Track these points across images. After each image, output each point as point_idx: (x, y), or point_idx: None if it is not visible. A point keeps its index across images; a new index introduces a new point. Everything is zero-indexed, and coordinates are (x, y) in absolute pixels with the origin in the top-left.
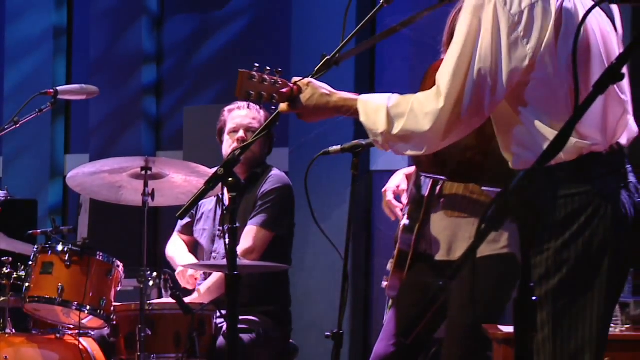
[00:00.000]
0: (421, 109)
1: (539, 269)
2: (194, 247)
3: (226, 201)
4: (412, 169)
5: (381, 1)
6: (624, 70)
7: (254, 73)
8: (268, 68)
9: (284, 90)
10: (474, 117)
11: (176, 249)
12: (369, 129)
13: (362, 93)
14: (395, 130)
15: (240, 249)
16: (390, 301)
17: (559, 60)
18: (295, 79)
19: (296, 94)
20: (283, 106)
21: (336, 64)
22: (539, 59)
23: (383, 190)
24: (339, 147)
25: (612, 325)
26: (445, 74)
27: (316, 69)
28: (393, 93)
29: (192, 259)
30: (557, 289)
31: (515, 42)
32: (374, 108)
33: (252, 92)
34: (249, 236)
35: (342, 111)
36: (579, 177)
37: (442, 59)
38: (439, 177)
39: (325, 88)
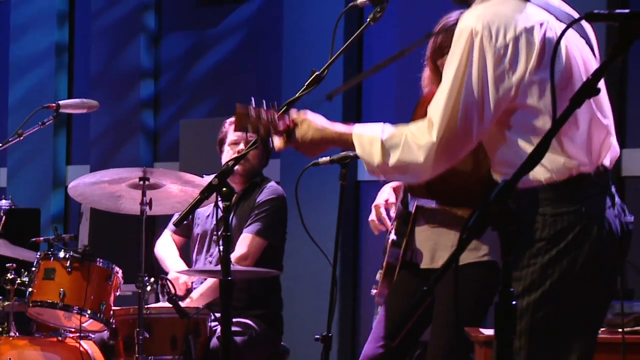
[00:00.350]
0: (415, 141)
1: (523, 281)
2: (185, 248)
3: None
4: (398, 182)
5: (368, 19)
6: (604, 91)
7: (251, 109)
8: (264, 102)
9: (281, 126)
10: (464, 147)
11: (167, 252)
12: (365, 161)
13: (350, 113)
14: (391, 162)
15: (234, 255)
16: (379, 308)
17: (543, 88)
18: (292, 113)
19: (292, 129)
20: (279, 142)
21: (329, 99)
22: (524, 87)
23: (374, 205)
24: (327, 158)
25: None
26: (437, 107)
27: (306, 84)
28: (382, 115)
29: (183, 265)
30: (538, 301)
31: (501, 74)
32: (369, 140)
33: (249, 127)
34: (243, 243)
35: (337, 144)
36: (569, 197)
37: (433, 91)
38: (431, 202)
39: (320, 122)
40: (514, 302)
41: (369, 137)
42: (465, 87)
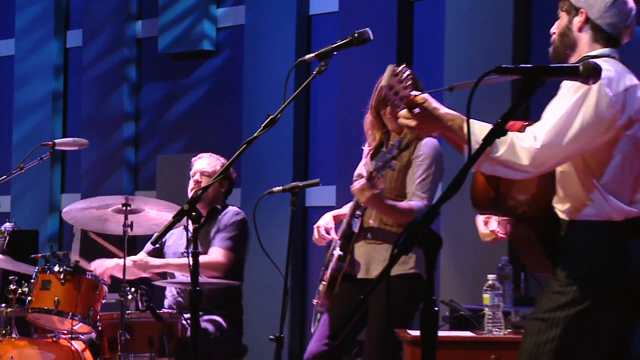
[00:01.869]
0: (519, 143)
1: (566, 296)
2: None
3: (190, 229)
4: (338, 211)
5: (314, 72)
6: None
7: (398, 69)
8: (407, 69)
9: (410, 97)
10: (557, 161)
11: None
12: (475, 141)
13: (299, 142)
14: (495, 154)
15: (209, 259)
16: (318, 315)
17: (636, 144)
18: (413, 93)
19: (416, 103)
20: (406, 112)
21: (451, 90)
22: (622, 137)
23: (315, 226)
24: (280, 187)
25: (497, 329)
26: (545, 127)
27: (262, 125)
28: (326, 131)
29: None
30: (574, 316)
31: (612, 120)
32: (480, 128)
33: (393, 86)
34: (217, 254)
35: (451, 124)
36: (624, 235)
37: (516, 123)
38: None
39: (436, 103)
40: (436, 309)
41: (480, 125)
42: (577, 123)
